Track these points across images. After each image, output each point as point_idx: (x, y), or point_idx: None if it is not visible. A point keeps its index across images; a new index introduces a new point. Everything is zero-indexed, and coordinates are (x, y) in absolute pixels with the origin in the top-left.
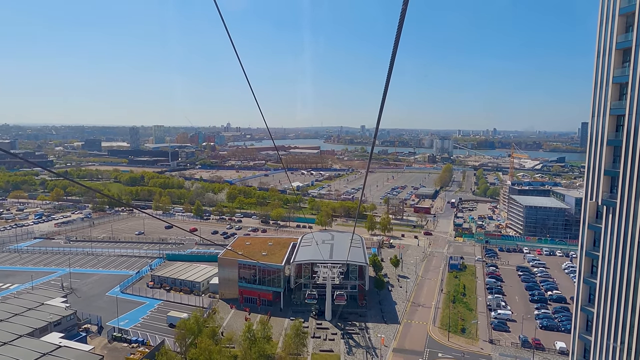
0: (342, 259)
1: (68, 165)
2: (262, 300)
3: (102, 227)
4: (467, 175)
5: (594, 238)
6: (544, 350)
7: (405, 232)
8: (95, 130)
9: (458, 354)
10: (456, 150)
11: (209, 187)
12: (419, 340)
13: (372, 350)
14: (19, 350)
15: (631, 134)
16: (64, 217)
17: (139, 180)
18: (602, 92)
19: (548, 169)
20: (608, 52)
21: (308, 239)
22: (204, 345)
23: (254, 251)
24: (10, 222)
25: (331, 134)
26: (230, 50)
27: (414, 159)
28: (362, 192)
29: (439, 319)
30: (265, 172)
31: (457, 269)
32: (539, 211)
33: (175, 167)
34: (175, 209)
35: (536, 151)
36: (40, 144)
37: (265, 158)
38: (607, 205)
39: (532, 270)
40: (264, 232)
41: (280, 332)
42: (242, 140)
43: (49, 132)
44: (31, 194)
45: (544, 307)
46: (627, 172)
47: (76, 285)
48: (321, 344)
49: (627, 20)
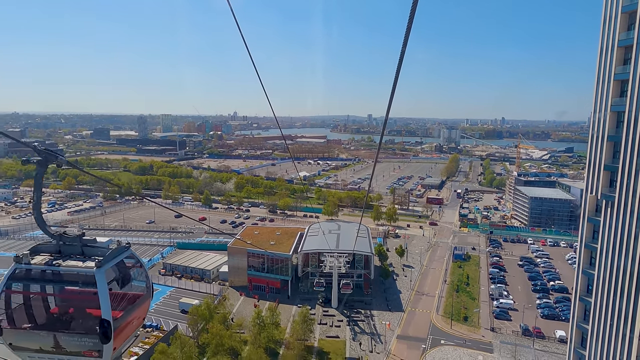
0: (348, 249)
1: (78, 154)
2: (271, 288)
3: (114, 215)
4: (473, 166)
5: (593, 230)
6: (543, 339)
7: (410, 223)
8: (103, 118)
9: (460, 341)
10: (463, 139)
11: (217, 176)
12: (422, 327)
13: (376, 337)
14: None
15: (630, 131)
16: (76, 206)
17: (148, 169)
18: (604, 89)
19: (556, 159)
20: (610, 49)
21: (315, 229)
22: (216, 331)
23: (263, 240)
24: (24, 211)
25: (338, 123)
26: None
27: (420, 148)
28: (369, 183)
29: (442, 307)
30: (272, 162)
31: (461, 259)
32: (544, 202)
33: (183, 156)
34: (185, 198)
35: (544, 141)
36: (50, 132)
37: (272, 147)
38: (606, 199)
39: (535, 261)
40: (272, 221)
41: (288, 318)
42: (249, 129)
43: (58, 121)
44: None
45: (545, 297)
46: (626, 167)
47: None
48: (327, 330)
49: (629, 19)
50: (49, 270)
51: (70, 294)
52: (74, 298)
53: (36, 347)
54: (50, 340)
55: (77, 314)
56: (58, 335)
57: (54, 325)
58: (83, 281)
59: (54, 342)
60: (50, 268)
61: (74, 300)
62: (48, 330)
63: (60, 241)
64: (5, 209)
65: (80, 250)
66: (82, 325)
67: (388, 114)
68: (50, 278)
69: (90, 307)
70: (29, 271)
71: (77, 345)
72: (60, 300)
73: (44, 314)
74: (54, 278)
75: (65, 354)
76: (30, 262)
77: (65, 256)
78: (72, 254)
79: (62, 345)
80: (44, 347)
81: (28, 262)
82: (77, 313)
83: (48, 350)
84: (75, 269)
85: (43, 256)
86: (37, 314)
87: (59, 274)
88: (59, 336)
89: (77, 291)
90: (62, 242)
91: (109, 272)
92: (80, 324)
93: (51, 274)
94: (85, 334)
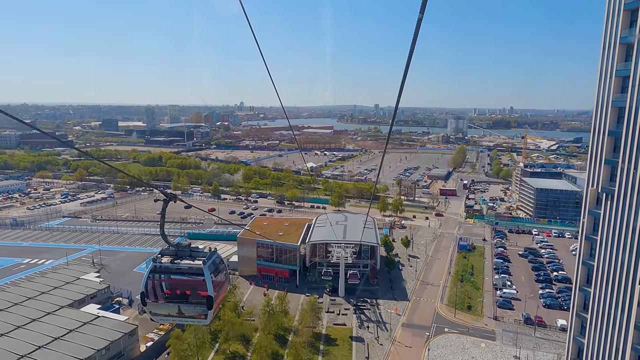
0: (355, 240)
1: (88, 145)
2: (279, 277)
3: (125, 206)
4: (480, 156)
5: (593, 223)
6: (545, 327)
7: (416, 213)
8: (111, 109)
9: (463, 329)
10: (471, 130)
11: (225, 167)
12: (426, 316)
13: (382, 325)
14: (63, 319)
15: (631, 126)
16: (88, 197)
17: (157, 160)
18: (606, 84)
19: (564, 149)
20: (612, 46)
21: (322, 219)
22: (227, 318)
23: (271, 231)
24: (38, 202)
25: (344, 113)
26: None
27: (427, 139)
28: (377, 175)
29: (446, 296)
30: (279, 153)
31: (466, 249)
32: (549, 193)
33: (191, 147)
34: (194, 189)
35: (553, 131)
36: (59, 123)
37: (279, 138)
38: (606, 193)
39: (539, 252)
40: (279, 212)
41: (296, 307)
42: (256, 120)
43: (66, 112)
44: (55, 174)
45: (548, 287)
46: (625, 161)
47: (105, 261)
48: (335, 318)
49: (631, 16)
50: (172, 266)
51: (186, 280)
52: (189, 283)
53: (166, 313)
54: (175, 308)
55: (192, 292)
56: (181, 305)
57: (178, 299)
58: (194, 273)
59: (177, 310)
60: (173, 265)
61: (190, 284)
62: (175, 302)
63: (176, 248)
64: (19, 199)
65: (189, 254)
66: (195, 300)
67: (397, 106)
68: (173, 271)
69: (199, 289)
70: (160, 267)
71: (192, 311)
72: (180, 285)
73: (169, 293)
74: (175, 271)
75: (184, 317)
76: (161, 261)
77: (180, 258)
78: (184, 256)
79: (183, 312)
80: (171, 313)
81: (159, 262)
82: (192, 292)
83: (174, 315)
84: (188, 265)
85: (167, 257)
86: (164, 293)
87: (179, 269)
88: (182, 306)
89: (190, 279)
90: (178, 248)
91: (209, 267)
92: (194, 299)
93: (174, 269)
94: (197, 304)
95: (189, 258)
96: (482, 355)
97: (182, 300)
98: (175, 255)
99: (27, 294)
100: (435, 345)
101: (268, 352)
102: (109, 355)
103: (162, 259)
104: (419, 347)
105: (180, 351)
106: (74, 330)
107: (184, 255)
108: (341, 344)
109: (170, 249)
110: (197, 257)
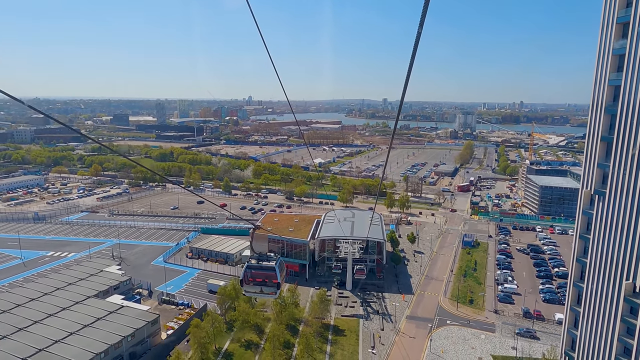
0: (362, 236)
1: (100, 140)
2: (290, 271)
3: (140, 201)
4: (488, 152)
5: (587, 222)
6: (543, 321)
7: (422, 210)
8: (121, 103)
9: (464, 321)
10: (479, 125)
11: (235, 163)
12: (430, 309)
13: (387, 317)
14: (90, 308)
15: (621, 133)
16: (104, 192)
17: (168, 156)
18: (599, 93)
19: (572, 145)
20: (605, 55)
21: (331, 216)
22: (242, 309)
23: (282, 227)
24: (57, 196)
25: (352, 108)
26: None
27: (435, 134)
28: (383, 172)
29: (449, 291)
30: (288, 148)
31: (470, 245)
32: (554, 191)
33: (201, 142)
34: (205, 185)
35: (563, 126)
36: (71, 117)
37: (288, 133)
38: (598, 194)
39: (542, 248)
40: (289, 208)
41: (306, 299)
42: (264, 114)
43: (77, 106)
44: (71, 169)
45: (548, 283)
46: (616, 165)
47: (124, 255)
48: (343, 310)
49: (623, 29)
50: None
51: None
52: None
53: (253, 291)
54: (258, 289)
55: (268, 280)
56: (263, 287)
57: (259, 284)
58: (269, 269)
59: (260, 289)
60: (259, 264)
61: (267, 275)
62: (259, 285)
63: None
64: (39, 194)
65: (266, 258)
66: (270, 284)
67: (402, 102)
68: (259, 267)
69: (272, 278)
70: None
71: (268, 290)
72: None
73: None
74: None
75: (263, 293)
76: (251, 262)
77: (261, 260)
78: (262, 260)
79: (263, 291)
80: (256, 291)
81: (250, 262)
82: (269, 280)
83: (257, 292)
84: (267, 264)
85: (254, 260)
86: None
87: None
88: (263, 288)
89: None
90: (258, 254)
91: (278, 266)
92: (270, 283)
93: (259, 266)
94: (272, 286)
95: (265, 260)
96: (481, 346)
97: (262, 284)
98: (259, 259)
99: (55, 284)
100: (437, 336)
101: (280, 340)
102: (134, 342)
103: (251, 261)
104: (422, 338)
105: (200, 339)
106: (101, 319)
107: (261, 259)
108: (349, 334)
109: (255, 255)
110: (270, 260)
